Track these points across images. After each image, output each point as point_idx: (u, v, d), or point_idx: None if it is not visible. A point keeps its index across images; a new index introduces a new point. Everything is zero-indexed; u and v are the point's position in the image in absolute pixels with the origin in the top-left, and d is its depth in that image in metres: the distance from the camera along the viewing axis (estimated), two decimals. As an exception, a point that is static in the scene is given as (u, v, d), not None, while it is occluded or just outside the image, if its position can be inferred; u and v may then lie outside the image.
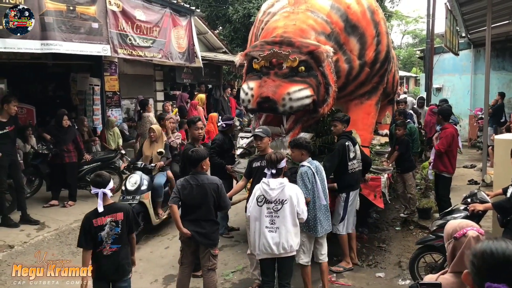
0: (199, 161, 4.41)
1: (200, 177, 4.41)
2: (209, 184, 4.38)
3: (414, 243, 6.34)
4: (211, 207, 4.40)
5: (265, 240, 4.17)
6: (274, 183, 4.20)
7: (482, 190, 5.09)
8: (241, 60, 5.61)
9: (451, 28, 11.48)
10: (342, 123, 5.54)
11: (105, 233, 3.78)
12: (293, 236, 4.21)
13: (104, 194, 3.80)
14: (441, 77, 16.45)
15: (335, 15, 5.85)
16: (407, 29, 45.06)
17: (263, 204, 4.20)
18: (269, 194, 4.17)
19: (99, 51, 8.74)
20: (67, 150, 7.89)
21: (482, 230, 2.42)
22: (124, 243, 3.90)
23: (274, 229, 4.16)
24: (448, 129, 6.78)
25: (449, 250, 2.46)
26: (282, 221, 4.15)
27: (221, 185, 4.48)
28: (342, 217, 5.44)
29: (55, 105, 10.79)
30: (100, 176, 3.89)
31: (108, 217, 3.80)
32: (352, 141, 5.46)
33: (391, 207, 8.07)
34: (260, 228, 4.21)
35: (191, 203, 4.39)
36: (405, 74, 33.11)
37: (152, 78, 13.03)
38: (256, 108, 5.28)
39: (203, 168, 4.46)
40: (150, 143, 7.24)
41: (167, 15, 10.76)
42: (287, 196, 4.16)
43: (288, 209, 4.15)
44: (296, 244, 4.26)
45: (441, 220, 4.90)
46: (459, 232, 2.40)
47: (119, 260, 3.86)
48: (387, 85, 7.79)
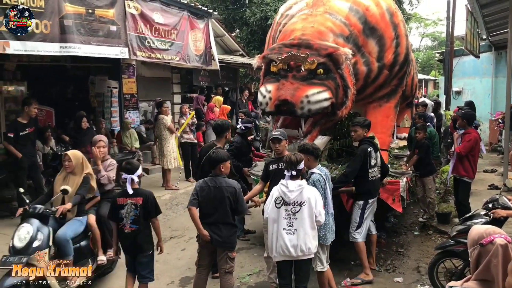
0: (217, 162, 4.40)
1: (218, 179, 4.40)
2: (227, 187, 4.37)
3: (433, 248, 6.25)
4: (228, 210, 4.38)
5: (282, 242, 4.14)
6: (292, 185, 4.18)
7: (504, 195, 4.97)
8: (259, 63, 5.59)
9: (472, 31, 11.33)
10: (363, 128, 5.42)
11: (124, 211, 4.37)
12: (311, 238, 4.19)
13: (132, 179, 4.39)
14: (461, 80, 16.23)
15: (353, 17, 5.80)
16: (426, 31, 44.73)
17: (281, 206, 4.18)
18: (288, 196, 4.15)
19: (117, 54, 8.83)
20: (86, 152, 7.95)
21: (510, 238, 2.35)
22: (142, 226, 4.42)
23: (292, 231, 4.14)
24: (472, 133, 6.67)
25: (473, 256, 2.39)
26: (300, 223, 4.13)
27: (239, 189, 4.46)
28: (358, 224, 5.34)
29: (74, 107, 10.93)
30: (130, 164, 4.55)
31: (129, 199, 4.38)
32: (374, 147, 5.38)
33: (410, 212, 7.97)
34: (278, 230, 4.19)
35: (209, 205, 4.39)
36: (423, 77, 32.83)
37: (170, 81, 13.11)
38: (274, 111, 5.24)
39: (222, 170, 4.42)
40: (65, 176, 5.16)
41: (185, 18, 10.84)
42: (305, 198, 4.13)
43: (306, 212, 4.13)
44: (314, 247, 4.23)
45: (461, 225, 4.82)
46: (485, 239, 2.33)
47: (136, 239, 4.40)
48: (406, 88, 7.70)
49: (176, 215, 7.95)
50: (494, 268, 2.27)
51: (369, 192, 5.37)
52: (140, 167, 4.66)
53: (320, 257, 4.64)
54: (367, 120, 5.61)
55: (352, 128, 5.56)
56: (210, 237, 4.36)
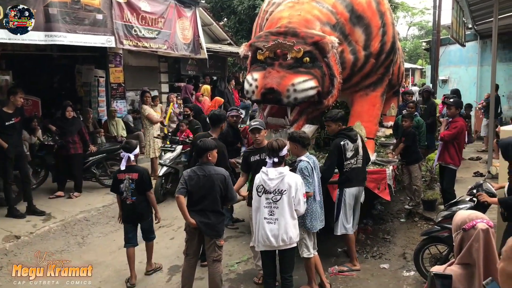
0: (205, 151, 4.41)
1: (207, 168, 4.41)
2: (216, 175, 4.38)
3: (418, 234, 6.33)
4: (218, 198, 4.39)
5: (263, 231, 4.11)
6: (273, 172, 4.13)
7: (488, 182, 5.06)
8: (246, 51, 5.56)
9: (458, 19, 11.38)
10: (336, 122, 5.26)
11: (123, 185, 5.05)
12: (292, 227, 4.14)
13: (129, 157, 5.05)
14: (447, 69, 16.34)
15: (340, 5, 5.78)
16: (413, 20, 44.86)
17: (262, 194, 4.15)
18: (268, 184, 4.10)
19: (103, 43, 8.77)
20: (73, 142, 7.94)
21: (492, 222, 2.39)
22: (140, 197, 5.10)
23: (273, 220, 4.09)
24: (459, 122, 6.75)
25: (457, 241, 2.44)
26: (281, 212, 4.08)
27: (228, 176, 4.47)
28: (336, 215, 5.26)
29: (60, 96, 10.85)
30: (129, 143, 5.27)
31: (127, 174, 5.05)
32: (350, 138, 5.19)
33: (396, 199, 8.05)
34: (260, 219, 4.16)
35: (198, 194, 4.39)
36: (410, 66, 32.96)
37: (157, 70, 13.03)
38: (260, 99, 5.22)
39: (209, 158, 4.44)
40: None
41: (172, 6, 10.77)
42: (286, 186, 4.08)
43: (286, 200, 4.08)
44: (296, 235, 4.19)
45: (447, 211, 4.85)
46: (468, 224, 2.37)
47: (136, 208, 5.11)
48: (392, 77, 7.71)
49: (165, 204, 7.95)
50: (476, 252, 2.31)
51: (346, 180, 5.22)
52: (137, 147, 5.32)
53: (307, 244, 4.66)
54: (340, 112, 5.45)
55: (325, 123, 5.47)
56: (197, 225, 4.38)
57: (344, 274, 5.26)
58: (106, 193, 8.24)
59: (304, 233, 4.63)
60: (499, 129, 7.22)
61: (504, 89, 14.72)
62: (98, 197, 8.04)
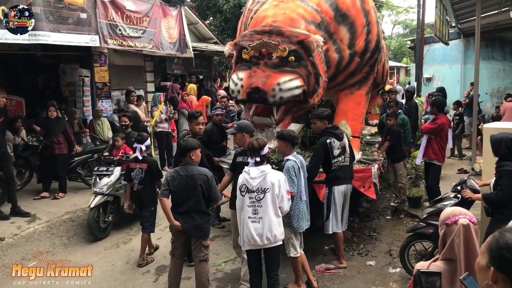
0: (188, 150, 4.42)
1: (190, 168, 4.40)
2: (199, 175, 4.37)
3: (404, 231, 6.40)
4: (201, 198, 4.38)
5: (248, 231, 4.08)
6: (254, 171, 4.10)
7: (472, 179, 5.13)
8: (230, 50, 5.51)
9: (441, 18, 11.50)
10: (321, 120, 5.31)
11: (134, 173, 5.64)
12: (276, 225, 4.11)
13: (141, 148, 5.58)
14: (431, 67, 16.53)
15: (325, 4, 5.75)
16: (398, 19, 45.11)
17: (245, 194, 4.12)
18: (250, 183, 4.07)
19: (88, 42, 8.68)
20: (57, 142, 7.85)
21: (475, 219, 2.43)
22: (147, 186, 5.64)
23: (257, 219, 4.06)
24: (440, 118, 6.84)
25: (440, 236, 2.48)
26: (265, 210, 4.05)
27: (211, 177, 4.46)
28: (326, 214, 5.28)
29: (45, 96, 10.70)
30: (141, 135, 5.82)
31: (138, 164, 5.63)
32: (336, 137, 5.23)
33: (382, 196, 8.12)
34: (244, 219, 4.14)
35: (181, 194, 4.38)
36: (395, 64, 33.20)
37: (143, 69, 12.93)
38: (246, 99, 5.19)
39: (192, 158, 4.44)
40: None
41: (157, 5, 10.70)
42: (269, 185, 4.05)
43: (270, 198, 4.05)
44: (281, 233, 4.17)
45: (432, 208, 4.91)
46: (451, 219, 2.41)
47: (141, 195, 5.66)
48: (377, 75, 7.76)
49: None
50: (457, 247, 2.35)
51: (335, 178, 5.25)
52: (148, 139, 5.85)
53: (294, 243, 4.68)
54: (325, 111, 5.50)
55: (311, 120, 5.49)
56: (182, 226, 4.37)
57: (331, 271, 5.30)
58: (91, 193, 8.18)
59: (291, 233, 4.65)
60: (482, 126, 7.33)
61: (487, 86, 14.97)
62: (83, 198, 7.96)
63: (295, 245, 4.70)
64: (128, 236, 6.75)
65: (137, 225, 7.05)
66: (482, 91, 13.21)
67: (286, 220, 4.60)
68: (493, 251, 1.56)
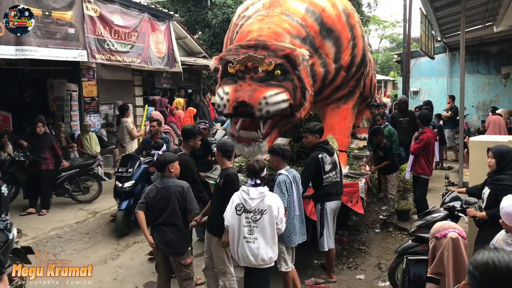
0: (165, 164, 4.41)
1: (166, 180, 4.39)
2: (174, 187, 4.33)
3: (393, 244, 6.43)
4: (177, 210, 4.31)
5: (243, 250, 4.06)
6: (254, 192, 4.08)
7: (452, 190, 5.15)
8: (216, 64, 5.46)
9: (427, 33, 11.67)
10: (313, 134, 5.34)
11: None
12: (272, 247, 4.11)
13: (158, 153, 5.79)
14: (418, 81, 16.73)
15: (310, 18, 5.77)
16: (385, 33, 45.70)
17: (242, 213, 4.07)
18: (249, 203, 4.04)
19: (75, 57, 8.68)
20: (44, 157, 7.79)
21: (464, 233, 2.44)
22: None
23: (253, 239, 4.04)
24: (425, 133, 6.91)
25: (431, 249, 2.49)
26: (261, 231, 4.03)
27: (188, 188, 4.40)
28: (320, 231, 5.26)
29: (32, 111, 10.63)
30: (157, 143, 6.41)
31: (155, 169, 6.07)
32: (328, 152, 5.26)
33: (371, 210, 8.15)
34: (239, 238, 4.09)
35: (156, 207, 4.34)
36: (383, 78, 33.51)
37: (131, 83, 12.93)
38: (232, 113, 5.13)
39: (171, 171, 4.43)
40: None
41: (145, 20, 10.75)
42: (266, 206, 4.04)
43: (267, 220, 4.04)
44: (276, 254, 4.17)
45: (420, 221, 4.85)
46: (440, 233, 2.43)
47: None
48: (365, 89, 7.80)
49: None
50: (446, 260, 2.36)
51: (327, 194, 5.26)
52: (164, 145, 6.38)
53: (285, 258, 4.66)
54: (318, 125, 5.53)
55: (303, 135, 5.49)
56: (156, 242, 4.32)
57: (321, 286, 5.28)
58: (79, 209, 8.11)
59: (282, 247, 4.62)
60: (468, 139, 7.41)
61: (472, 100, 15.17)
62: (71, 213, 7.88)
63: (287, 259, 4.68)
64: (116, 252, 6.67)
65: (125, 240, 7.02)
66: (468, 104, 13.39)
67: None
68: (469, 270, 1.62)
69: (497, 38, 14.11)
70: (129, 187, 7.12)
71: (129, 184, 7.14)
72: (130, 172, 7.28)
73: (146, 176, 7.30)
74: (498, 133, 8.82)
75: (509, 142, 5.23)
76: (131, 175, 7.25)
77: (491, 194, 4.30)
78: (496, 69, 14.99)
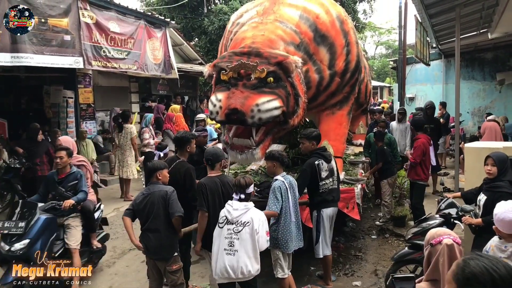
0: (154, 171, 4.45)
1: (153, 186, 4.42)
2: (159, 191, 4.35)
3: (390, 250, 6.43)
4: (161, 216, 4.31)
5: (222, 263, 3.97)
6: (238, 204, 4.07)
7: (448, 196, 5.17)
8: (210, 71, 5.43)
9: (422, 39, 11.71)
10: (310, 140, 5.33)
11: None
12: (253, 261, 4.00)
13: (159, 154, 6.23)
14: (414, 87, 16.77)
15: (304, 25, 5.76)
16: (380, 40, 45.90)
17: (224, 226, 4.03)
18: (231, 214, 4.01)
19: (71, 64, 8.70)
20: (40, 163, 7.80)
21: (459, 239, 2.45)
22: None
23: (233, 252, 3.96)
24: (420, 139, 6.93)
25: (425, 256, 2.49)
26: (242, 244, 3.95)
27: (172, 192, 4.38)
28: (316, 238, 5.21)
29: (28, 118, 10.64)
30: (160, 144, 6.73)
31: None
32: (325, 158, 5.24)
33: (367, 216, 8.14)
34: (219, 250, 4.03)
35: (142, 214, 4.37)
36: (379, 84, 33.73)
37: (128, 90, 12.98)
38: (224, 120, 5.08)
39: (159, 178, 4.46)
40: None
41: (142, 27, 10.79)
42: (249, 219, 3.98)
43: (249, 232, 3.96)
44: (256, 270, 4.05)
45: (416, 227, 4.88)
46: (435, 239, 2.43)
47: None
48: (360, 95, 7.82)
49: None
50: (441, 267, 2.37)
51: (323, 201, 5.23)
52: (167, 147, 6.65)
53: (281, 264, 4.64)
54: (315, 131, 5.54)
55: (299, 140, 5.47)
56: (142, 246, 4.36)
57: (317, 293, 5.26)
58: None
59: (279, 253, 4.61)
60: (463, 145, 7.44)
61: (468, 106, 15.22)
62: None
63: (283, 266, 4.66)
64: (112, 259, 6.64)
65: (121, 247, 6.99)
66: (463, 110, 13.44)
67: (274, 241, 4.58)
68: (459, 280, 1.59)
69: (492, 45, 14.17)
70: (20, 251, 4.70)
71: (20, 245, 4.74)
72: (21, 228, 4.79)
73: (49, 230, 5.01)
74: (494, 139, 8.83)
75: (504, 148, 5.26)
76: (22, 232, 4.78)
77: (488, 201, 4.31)
78: (491, 75, 15.04)
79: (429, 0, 8.39)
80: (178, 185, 4.79)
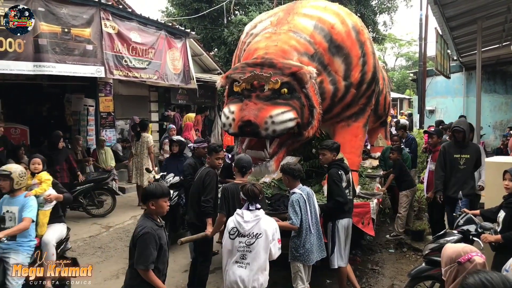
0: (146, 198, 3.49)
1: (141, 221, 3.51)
2: (134, 231, 3.51)
3: (407, 265, 6.31)
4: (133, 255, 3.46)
5: (233, 276, 3.83)
6: (248, 215, 3.90)
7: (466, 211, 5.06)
8: (223, 83, 5.38)
9: (442, 52, 11.61)
10: (331, 152, 5.16)
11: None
12: (265, 273, 3.89)
13: (228, 156, 5.71)
14: (434, 100, 16.59)
15: (318, 35, 5.65)
16: (401, 51, 45.58)
17: (235, 237, 3.88)
18: (243, 226, 3.86)
19: (93, 73, 8.87)
20: (60, 170, 7.90)
21: (484, 256, 2.41)
22: None
23: (245, 264, 3.82)
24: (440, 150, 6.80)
25: (452, 274, 2.44)
26: (254, 256, 3.81)
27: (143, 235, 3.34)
28: (332, 248, 5.05)
29: (49, 125, 10.86)
30: (229, 146, 5.93)
31: None
32: (344, 170, 5.11)
33: (385, 229, 8.03)
34: (230, 263, 3.90)
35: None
36: (399, 96, 33.41)
37: (147, 99, 13.14)
38: (237, 132, 5.01)
39: (151, 208, 3.45)
40: None
41: (162, 37, 10.95)
42: (262, 230, 3.84)
43: (262, 244, 3.83)
44: (266, 280, 3.92)
45: (434, 243, 4.75)
46: (463, 257, 2.38)
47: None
48: (378, 107, 7.71)
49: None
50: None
51: (340, 212, 5.10)
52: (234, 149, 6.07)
53: (302, 276, 4.57)
54: (336, 143, 5.35)
55: (320, 152, 5.32)
56: None
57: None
58: (93, 223, 8.17)
59: (300, 265, 4.56)
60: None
61: (489, 119, 14.98)
62: (84, 227, 7.95)
63: (303, 278, 4.59)
64: (127, 267, 6.68)
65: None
66: (484, 124, 13.23)
67: (294, 253, 4.54)
68: None
69: (515, 58, 13.98)
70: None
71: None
72: None
73: None
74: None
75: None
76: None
77: (507, 217, 4.22)
78: (514, 89, 14.84)
79: (450, 13, 8.33)
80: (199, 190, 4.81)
